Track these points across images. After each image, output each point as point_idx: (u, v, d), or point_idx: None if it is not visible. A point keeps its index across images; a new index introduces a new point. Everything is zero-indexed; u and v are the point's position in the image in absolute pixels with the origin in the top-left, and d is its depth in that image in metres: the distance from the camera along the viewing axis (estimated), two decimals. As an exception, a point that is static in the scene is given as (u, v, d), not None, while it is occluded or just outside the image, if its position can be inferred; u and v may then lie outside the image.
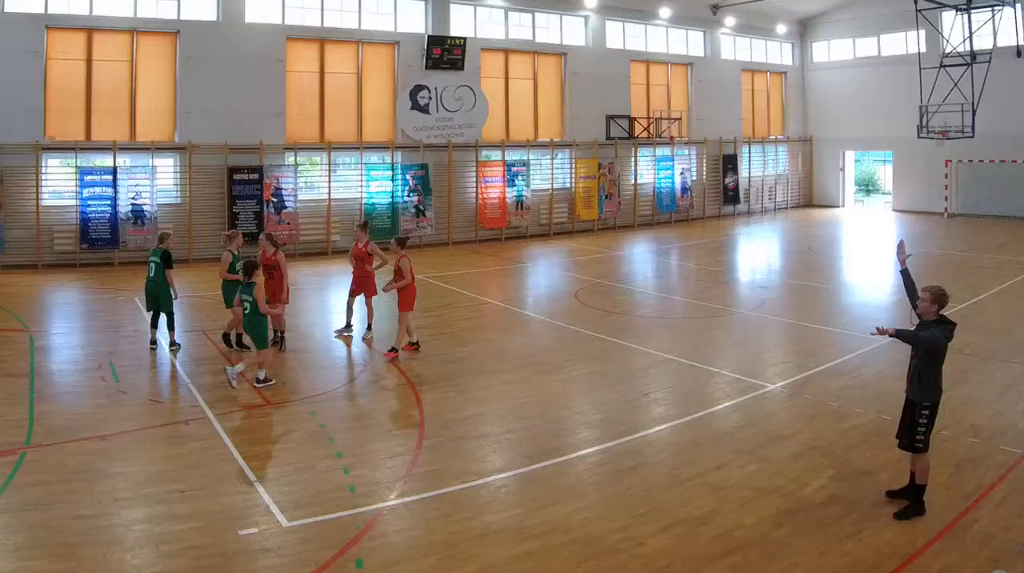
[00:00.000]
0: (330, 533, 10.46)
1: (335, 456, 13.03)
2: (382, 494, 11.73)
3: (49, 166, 33.59)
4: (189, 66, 35.31)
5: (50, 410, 14.92)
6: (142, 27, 34.69)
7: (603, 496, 11.66)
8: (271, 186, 36.28)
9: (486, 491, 11.91)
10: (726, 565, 9.75)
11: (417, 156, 40.06)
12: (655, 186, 48.15)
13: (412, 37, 40.30)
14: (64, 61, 33.62)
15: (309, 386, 17.00)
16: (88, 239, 33.23)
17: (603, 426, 14.54)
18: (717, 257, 36.77)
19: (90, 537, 10.19)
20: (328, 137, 38.38)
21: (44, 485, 11.65)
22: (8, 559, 9.62)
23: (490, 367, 18.40)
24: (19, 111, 32.18)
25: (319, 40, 38.41)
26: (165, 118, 35.52)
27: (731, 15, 50.48)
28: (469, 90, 41.55)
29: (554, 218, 44.21)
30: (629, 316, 23.92)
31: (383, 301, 21.63)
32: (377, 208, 38.77)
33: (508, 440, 13.91)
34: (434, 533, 10.56)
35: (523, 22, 44.04)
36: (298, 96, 38.06)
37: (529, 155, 43.29)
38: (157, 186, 34.58)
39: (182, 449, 13.28)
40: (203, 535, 10.33)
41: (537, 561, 9.85)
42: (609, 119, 46.19)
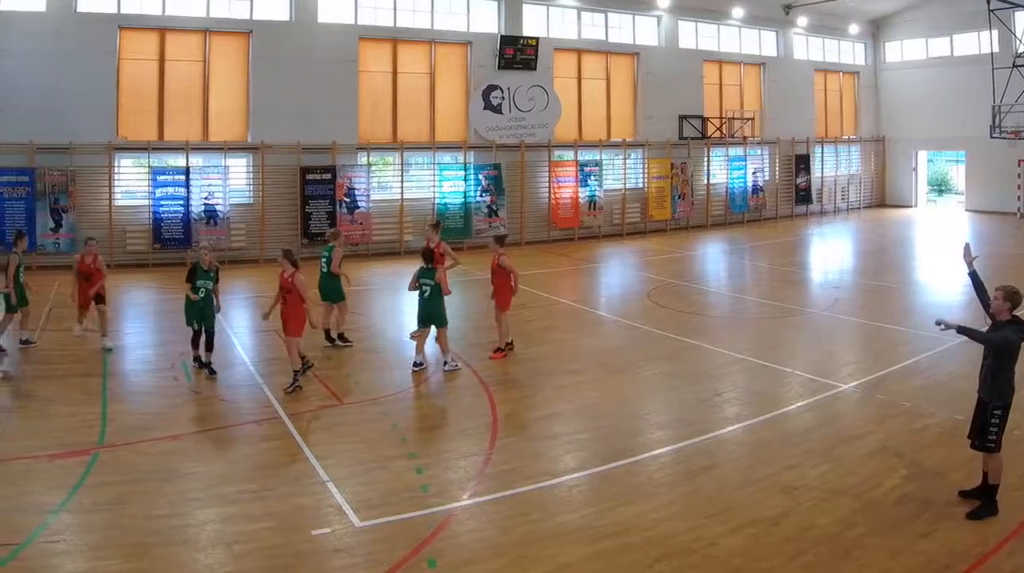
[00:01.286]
0: (403, 533, 10.10)
1: (408, 456, 12.61)
2: (455, 494, 11.34)
3: (122, 166, 32.11)
4: (261, 66, 33.62)
5: (123, 410, 14.52)
6: (215, 27, 33.12)
7: (675, 496, 11.22)
8: (344, 186, 34.57)
9: (559, 491, 11.48)
10: (798, 565, 9.39)
11: (490, 156, 38.05)
12: (727, 186, 45.84)
13: (485, 37, 38.29)
14: (137, 61, 32.07)
15: (382, 386, 16.42)
16: (161, 239, 31.70)
17: (675, 426, 14.01)
18: (789, 257, 35.16)
19: (163, 537, 9.90)
20: (401, 137, 36.51)
21: (117, 485, 11.30)
22: (81, 559, 9.36)
23: (563, 367, 17.59)
24: (92, 111, 30.72)
25: (391, 40, 36.50)
26: (238, 118, 33.82)
27: (804, 15, 47.81)
28: (542, 90, 39.39)
29: (627, 218, 41.98)
30: (702, 316, 22.91)
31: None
32: (450, 208, 36.92)
33: (581, 440, 13.39)
34: (507, 533, 10.19)
35: (596, 22, 41.78)
36: (371, 96, 36.16)
37: (602, 155, 41.19)
38: (230, 186, 32.99)
39: (255, 449, 12.98)
40: (276, 535, 10.02)
41: (609, 561, 9.48)
42: (682, 119, 43.84)
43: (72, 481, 11.38)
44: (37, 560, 9.32)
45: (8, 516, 10.30)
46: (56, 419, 13.98)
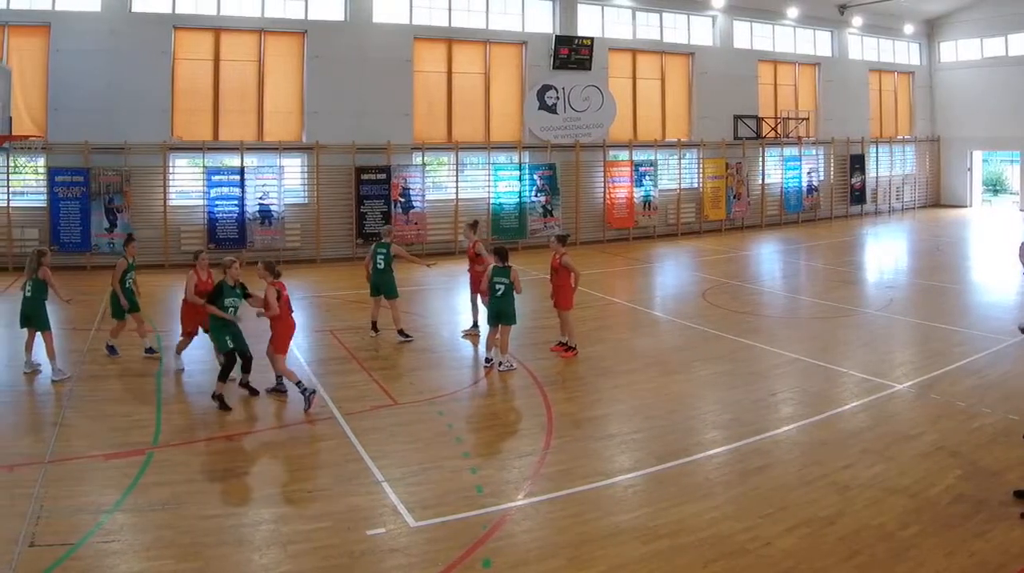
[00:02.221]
0: (457, 533, 9.79)
1: (462, 456, 12.24)
2: (510, 494, 10.96)
3: (176, 166, 30.79)
4: (316, 66, 32.17)
5: (177, 410, 14.18)
6: (269, 27, 31.70)
7: (731, 496, 10.83)
8: (399, 186, 33.09)
9: (614, 491, 11.10)
10: (853, 565, 9.11)
11: (545, 156, 36.35)
12: (782, 186, 43.75)
13: (539, 37, 36.53)
14: (191, 61, 30.74)
15: (437, 386, 15.81)
16: (215, 239, 30.26)
17: (730, 426, 13.52)
18: (844, 257, 33.52)
19: (217, 537, 9.61)
20: (456, 137, 34.94)
21: (171, 485, 10.98)
22: (136, 559, 9.11)
23: (618, 367, 16.97)
24: (147, 111, 29.51)
25: (446, 40, 34.86)
26: (292, 118, 32.34)
27: (858, 15, 45.63)
28: (596, 90, 37.55)
29: (681, 218, 40.10)
30: (756, 316, 22.05)
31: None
32: (505, 208, 35.37)
33: (636, 440, 12.97)
34: (562, 533, 9.87)
35: (650, 22, 39.86)
36: (425, 96, 34.56)
37: (657, 155, 39.32)
38: (284, 186, 31.58)
39: (309, 449, 12.68)
40: (331, 535, 9.71)
41: (664, 561, 9.19)
42: (736, 119, 41.87)
43: (126, 481, 11.06)
44: (91, 560, 9.04)
45: (63, 516, 10.00)
46: (110, 419, 13.53)
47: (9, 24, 28.00)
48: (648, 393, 15.20)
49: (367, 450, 12.29)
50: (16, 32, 28.44)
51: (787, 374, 16.43)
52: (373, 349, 18.34)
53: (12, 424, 13.47)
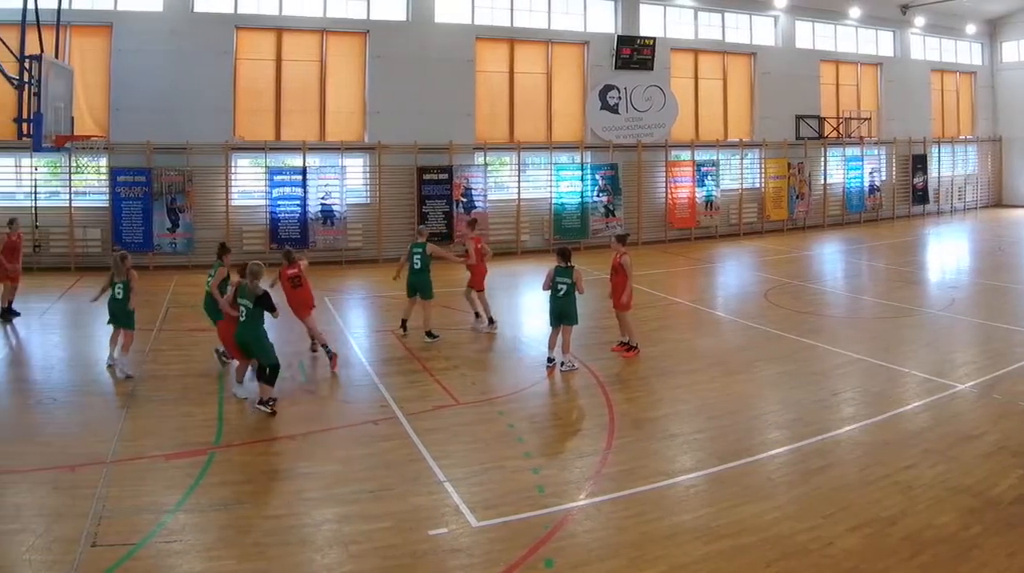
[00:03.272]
0: (519, 533, 9.30)
1: (524, 456, 11.61)
2: (571, 494, 10.42)
3: (238, 166, 29.02)
4: (378, 66, 30.26)
5: (239, 410, 13.47)
6: (331, 27, 29.86)
7: (792, 496, 10.29)
8: (461, 186, 31.11)
9: (675, 491, 10.55)
10: (915, 565, 8.56)
11: (606, 156, 34.06)
12: (844, 186, 41.07)
13: (601, 37, 34.24)
14: (253, 61, 29.01)
15: (499, 386, 15.12)
16: (277, 239, 28.42)
17: (792, 426, 12.81)
18: (906, 257, 31.70)
19: (279, 537, 9.18)
20: (517, 137, 32.79)
21: (233, 485, 10.51)
22: (198, 559, 8.70)
23: (680, 367, 16.16)
24: (209, 111, 27.84)
25: (508, 40, 32.75)
26: (354, 118, 30.42)
27: (920, 15, 42.71)
28: (658, 90, 35.18)
29: (743, 218, 37.63)
30: (819, 316, 20.91)
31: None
32: (567, 208, 33.15)
33: (697, 440, 12.30)
34: (623, 533, 9.38)
35: (712, 22, 37.36)
36: (487, 96, 32.49)
37: (719, 155, 36.88)
38: (346, 186, 29.66)
39: (371, 449, 11.91)
40: (393, 535, 9.26)
41: (726, 561, 8.66)
42: (798, 119, 39.20)
43: (188, 481, 10.56)
44: (153, 560, 8.64)
45: (125, 516, 9.53)
46: (172, 419, 12.92)
47: (71, 24, 26.36)
48: (710, 393, 14.41)
49: (429, 450, 11.67)
50: (78, 32, 26.90)
51: (849, 374, 15.57)
52: (435, 349, 17.33)
53: (75, 424, 12.72)
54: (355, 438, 12.37)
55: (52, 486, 10.29)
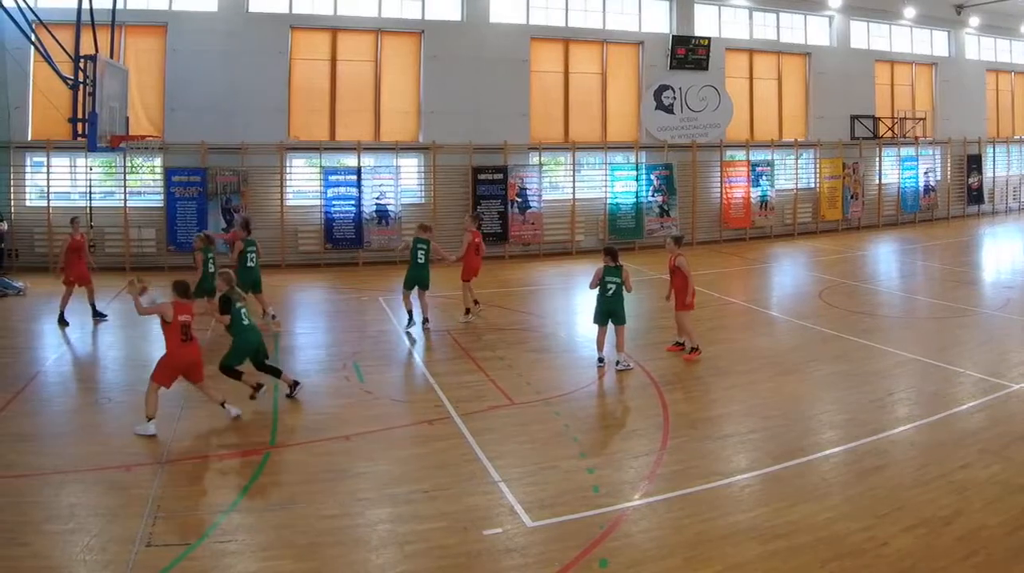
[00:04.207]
0: (574, 533, 8.73)
1: (579, 456, 10.98)
2: (626, 494, 9.79)
3: (293, 166, 27.17)
4: (433, 66, 28.25)
5: (294, 410, 12.81)
6: (386, 27, 27.93)
7: (847, 496, 9.59)
8: (515, 186, 29.02)
9: (730, 491, 9.84)
10: (970, 565, 8.05)
11: (661, 156, 31.72)
12: (899, 186, 38.24)
13: (656, 37, 31.88)
14: (308, 61, 27.15)
15: (553, 386, 14.15)
16: (332, 239, 26.74)
17: (847, 426, 12.18)
18: (961, 257, 29.67)
19: (334, 537, 8.66)
20: (572, 137, 30.56)
21: (288, 485, 10.00)
22: (253, 559, 8.21)
23: (734, 367, 15.21)
24: (264, 111, 26.07)
25: (563, 40, 30.50)
26: (409, 118, 28.41)
27: (975, 15, 39.71)
28: (713, 90, 32.74)
29: (798, 218, 35.01)
30: (873, 316, 19.67)
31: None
32: (621, 208, 30.89)
33: (752, 440, 11.64)
34: (678, 533, 8.78)
35: (767, 22, 34.78)
36: (542, 96, 30.24)
37: (773, 155, 34.32)
38: (401, 186, 27.73)
39: (426, 449, 11.36)
40: (447, 535, 8.70)
41: (781, 561, 8.13)
42: (853, 119, 36.49)
43: (243, 481, 10.09)
44: (209, 560, 8.18)
45: (180, 515, 9.14)
46: (228, 419, 12.15)
47: (126, 24, 24.68)
48: (764, 393, 13.66)
49: (484, 450, 11.09)
50: (133, 32, 25.24)
51: (904, 374, 14.78)
52: (489, 349, 16.31)
53: (130, 424, 11.80)
54: (410, 438, 11.76)
55: (107, 486, 9.82)
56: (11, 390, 13.27)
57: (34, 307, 20.03)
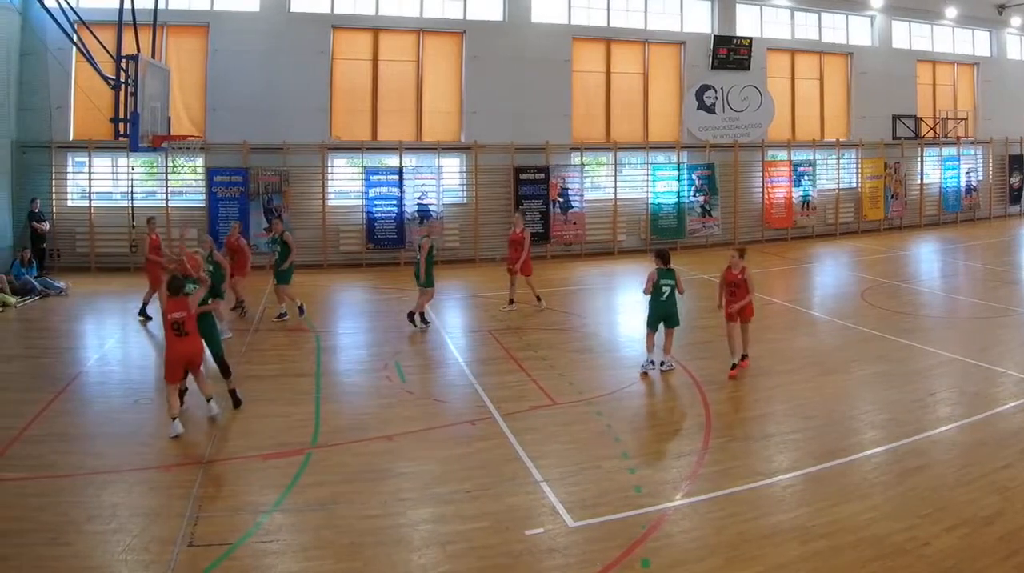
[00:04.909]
0: (616, 533, 8.26)
1: (621, 456, 10.27)
2: (668, 494, 9.25)
3: (335, 166, 25.60)
4: (475, 66, 26.59)
5: (336, 410, 12.14)
6: (428, 27, 26.30)
7: (889, 496, 9.05)
8: (557, 186, 27.27)
9: (772, 491, 9.31)
10: (1012, 565, 7.64)
11: (703, 156, 29.79)
12: (940, 186, 35.93)
13: (698, 37, 29.95)
14: (350, 61, 25.60)
15: (595, 386, 13.37)
16: (374, 239, 25.18)
17: (888, 426, 11.31)
18: (1003, 257, 27.99)
19: (376, 537, 8.21)
20: (614, 137, 28.72)
21: (330, 485, 9.37)
22: (294, 559, 7.80)
23: (776, 367, 14.39)
24: (306, 111, 24.56)
25: (605, 40, 28.66)
26: (451, 118, 26.75)
27: (1017, 15, 37.21)
28: (755, 90, 30.73)
29: (840, 218, 32.88)
30: (915, 316, 18.68)
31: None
32: (663, 208, 29.03)
33: (794, 440, 10.86)
34: (720, 533, 8.26)
35: (809, 22, 32.65)
36: (584, 96, 28.43)
37: (815, 155, 32.18)
38: (443, 186, 26.11)
39: (468, 449, 10.58)
40: (489, 535, 8.24)
41: (823, 561, 7.70)
42: (895, 119, 34.26)
43: (285, 481, 9.52)
44: (250, 560, 7.73)
45: (222, 516, 8.55)
46: (269, 419, 11.65)
47: (168, 24, 23.24)
48: (806, 393, 12.92)
49: (526, 450, 10.53)
50: (175, 32, 23.84)
51: (945, 374, 14.02)
52: (531, 349, 15.46)
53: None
54: (452, 438, 11.10)
55: (149, 486, 9.38)
56: (53, 390, 12.59)
57: (76, 307, 19.19)
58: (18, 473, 9.51)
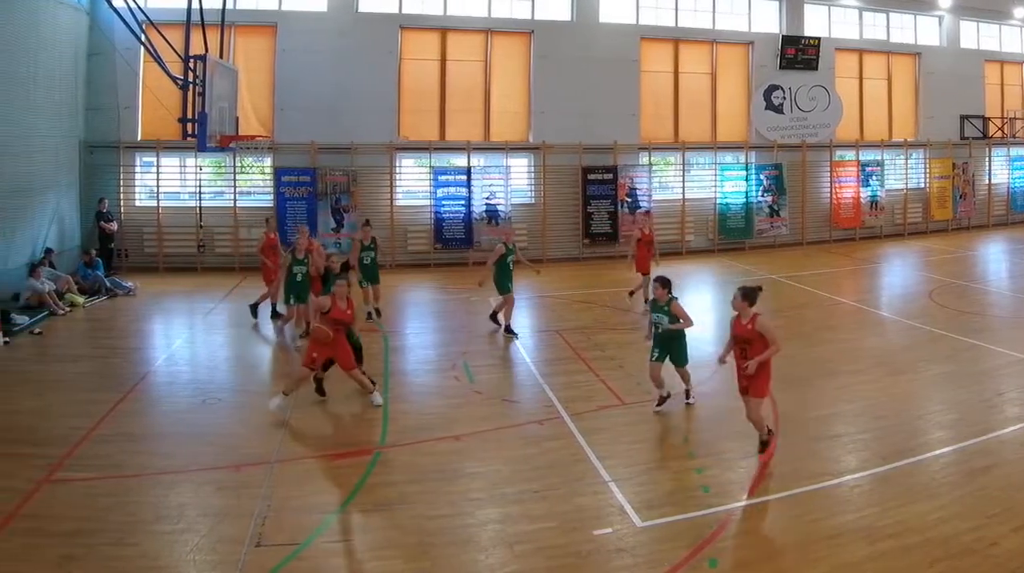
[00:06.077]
0: (683, 533, 7.51)
1: (688, 456, 9.31)
2: (735, 494, 8.30)
3: (403, 166, 23.04)
4: (543, 66, 23.78)
5: (404, 410, 10.91)
6: (496, 27, 23.61)
7: (956, 496, 8.13)
8: (625, 186, 24.36)
9: (839, 491, 8.36)
10: None
11: (771, 156, 26.56)
12: (1009, 186, 32.10)
13: (766, 37, 26.75)
14: (418, 61, 23.00)
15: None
16: (442, 239, 22.60)
17: (956, 426, 10.17)
18: None
19: (444, 537, 7.48)
20: (682, 137, 25.67)
21: (398, 485, 8.56)
22: (362, 559, 7.17)
23: (843, 367, 12.84)
24: (374, 111, 22.08)
25: (673, 40, 25.65)
26: (519, 118, 23.97)
27: (1086, 14, 33.74)
28: (823, 90, 27.42)
29: (908, 218, 29.41)
30: (983, 316, 16.81)
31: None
32: (731, 208, 25.98)
33: (862, 440, 9.78)
34: (787, 533, 7.53)
35: (877, 22, 29.21)
36: (652, 96, 25.41)
37: (883, 155, 28.75)
38: (511, 186, 23.41)
39: (536, 449, 9.61)
40: (557, 535, 7.50)
41: (890, 561, 6.97)
42: (963, 119, 30.62)
43: (353, 481, 8.60)
44: (318, 560, 7.03)
45: (290, 516, 7.76)
46: (338, 419, 10.76)
47: (236, 24, 20.99)
48: (874, 393, 11.61)
49: (594, 450, 9.39)
50: (243, 32, 21.54)
51: (1014, 374, 12.58)
52: (599, 349, 14.02)
53: (240, 424, 10.41)
54: (520, 438, 10.15)
55: (217, 486, 8.52)
56: (121, 390, 11.50)
57: (143, 307, 17.60)
58: (86, 473, 8.66)
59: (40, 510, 7.85)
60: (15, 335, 14.25)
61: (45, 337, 14.71)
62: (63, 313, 16.17)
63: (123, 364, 13.18)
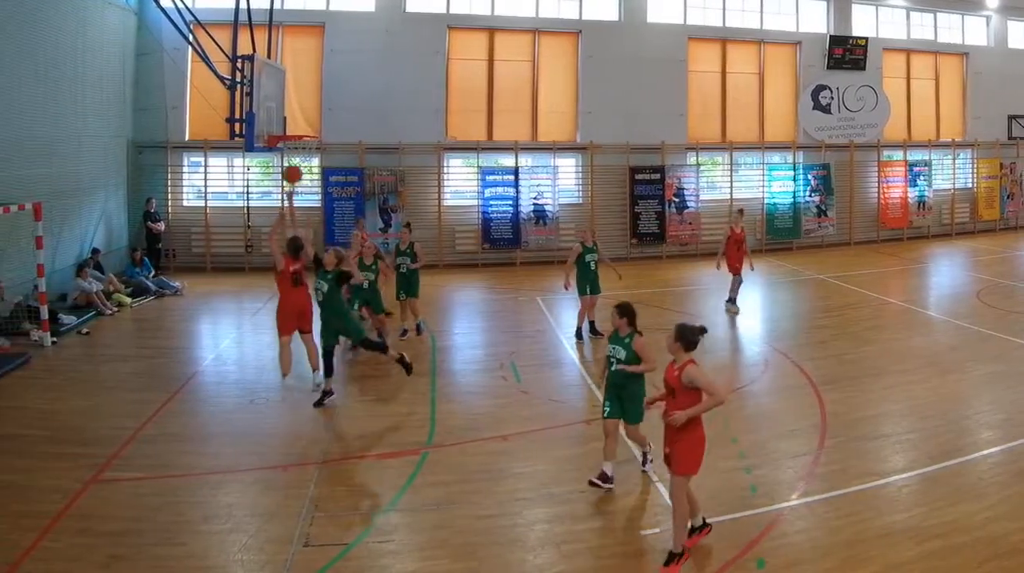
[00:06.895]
0: (732, 532, 6.90)
1: (737, 456, 8.42)
2: (784, 494, 7.67)
3: (450, 166, 21.35)
4: (590, 66, 21.96)
5: (451, 410, 10.14)
6: (543, 27, 21.80)
7: (1005, 496, 7.49)
8: (673, 186, 22.44)
9: (888, 491, 7.74)
10: None
11: (819, 156, 24.48)
12: (1057, 187, 29.91)
13: (813, 37, 24.66)
14: (465, 61, 21.30)
15: None
16: (490, 239, 20.90)
17: (1005, 426, 9.26)
18: None
19: (491, 537, 6.97)
20: (730, 137, 23.71)
21: (445, 485, 7.90)
22: (410, 559, 6.66)
23: (891, 367, 11.78)
24: (421, 111, 20.43)
25: (720, 40, 23.65)
26: (566, 118, 22.15)
27: None
28: (871, 90, 25.26)
29: (956, 218, 27.16)
30: None
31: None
32: (779, 208, 23.91)
33: (909, 440, 8.99)
34: (835, 533, 6.90)
35: (924, 22, 26.96)
36: (699, 96, 23.45)
37: (931, 155, 26.52)
38: (559, 186, 21.58)
39: (583, 449, 8.74)
40: (604, 535, 7.01)
41: (938, 561, 6.42)
42: (1011, 119, 28.21)
43: (401, 481, 7.93)
44: (366, 560, 6.56)
45: (338, 516, 7.29)
46: (385, 419, 9.83)
47: (284, 24, 19.50)
48: (922, 393, 10.50)
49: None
50: (291, 32, 20.00)
51: None
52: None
53: (287, 424, 9.58)
54: (567, 438, 9.28)
55: (265, 486, 7.85)
56: (168, 390, 10.84)
57: (191, 307, 16.50)
58: (134, 473, 8.12)
59: (88, 510, 7.32)
60: (63, 335, 13.39)
61: (93, 337, 13.84)
62: (111, 313, 15.21)
63: (171, 364, 12.38)
